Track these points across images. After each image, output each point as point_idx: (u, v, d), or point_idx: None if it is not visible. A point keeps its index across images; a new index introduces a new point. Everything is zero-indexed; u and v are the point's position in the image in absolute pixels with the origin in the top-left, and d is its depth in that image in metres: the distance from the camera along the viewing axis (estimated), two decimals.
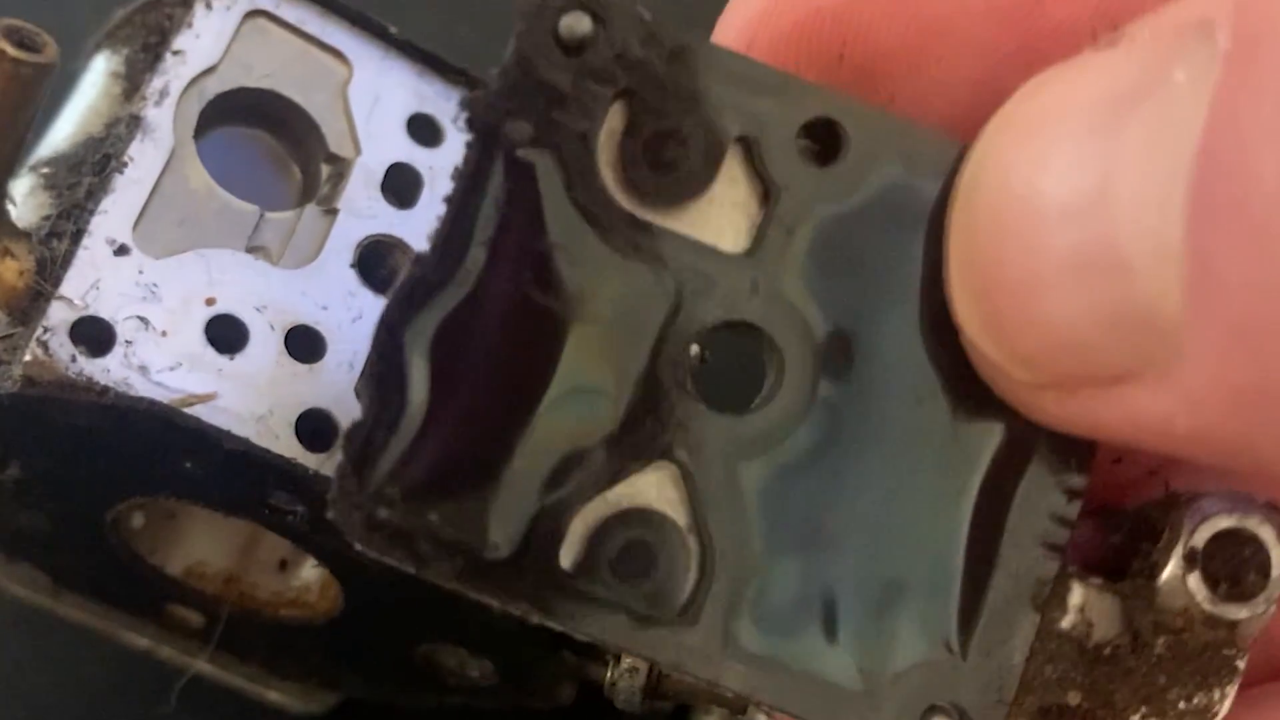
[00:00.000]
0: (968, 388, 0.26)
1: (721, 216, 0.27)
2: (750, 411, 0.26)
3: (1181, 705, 0.26)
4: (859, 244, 0.26)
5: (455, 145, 0.39)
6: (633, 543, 0.26)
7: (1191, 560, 0.26)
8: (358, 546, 0.25)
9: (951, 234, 0.25)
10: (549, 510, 0.26)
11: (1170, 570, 0.26)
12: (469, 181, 0.26)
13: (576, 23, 0.26)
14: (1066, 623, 0.26)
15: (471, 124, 0.26)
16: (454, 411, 0.26)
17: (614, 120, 0.26)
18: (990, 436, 0.26)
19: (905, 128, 0.27)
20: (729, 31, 0.30)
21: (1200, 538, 0.26)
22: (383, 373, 0.25)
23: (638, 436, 0.26)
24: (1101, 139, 0.22)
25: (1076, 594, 0.27)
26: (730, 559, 0.26)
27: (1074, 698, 0.27)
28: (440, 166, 0.39)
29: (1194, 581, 0.26)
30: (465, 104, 0.26)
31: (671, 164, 0.26)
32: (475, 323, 0.26)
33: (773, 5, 0.30)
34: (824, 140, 0.27)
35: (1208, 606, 0.26)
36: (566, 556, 0.26)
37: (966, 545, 0.26)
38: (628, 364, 0.26)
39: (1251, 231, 0.20)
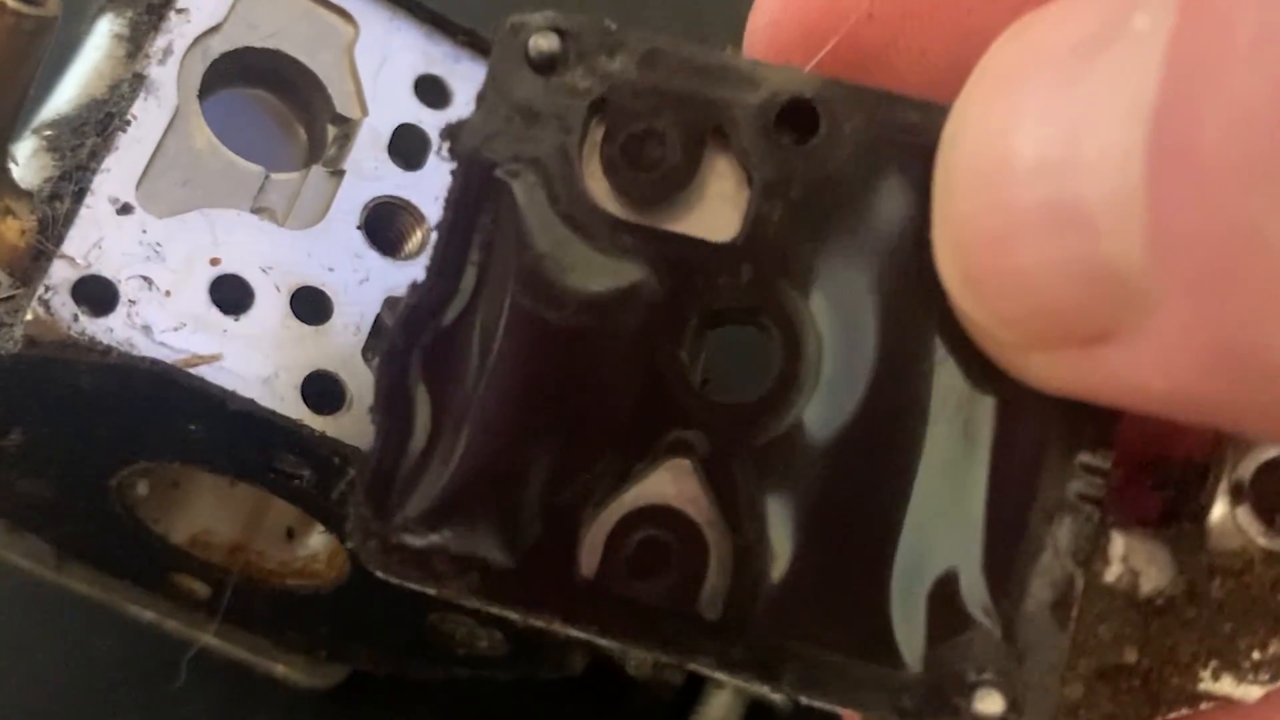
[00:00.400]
0: (976, 349, 0.26)
1: (711, 210, 0.27)
2: (759, 398, 0.26)
3: (1256, 655, 0.25)
4: (850, 215, 0.26)
5: (463, 107, 0.38)
6: (649, 540, 0.26)
7: (1239, 493, 0.25)
8: (379, 574, 0.26)
9: (934, 192, 0.25)
10: (562, 516, 0.26)
11: (1219, 507, 0.25)
12: (456, 207, 0.27)
13: (545, 42, 0.27)
14: (1112, 575, 0.25)
15: (453, 151, 0.27)
16: (460, 428, 0.26)
17: (594, 131, 0.27)
18: (1006, 395, 0.26)
19: (880, 97, 0.26)
20: (763, 4, 0.30)
21: (1246, 469, 0.25)
22: (389, 400, 0.26)
23: (644, 435, 0.26)
24: (1067, 89, 0.22)
25: (1118, 544, 0.26)
26: (750, 548, 0.26)
27: (1131, 655, 0.26)
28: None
29: (1244, 516, 0.25)
30: (445, 134, 0.27)
31: (653, 163, 0.27)
32: (475, 341, 0.26)
33: None
34: (800, 120, 0.27)
35: (1263, 541, 0.25)
36: (585, 561, 0.26)
37: (996, 508, 0.25)
38: (630, 364, 0.26)
39: (1203, 183, 0.20)
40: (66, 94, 0.37)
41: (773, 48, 0.30)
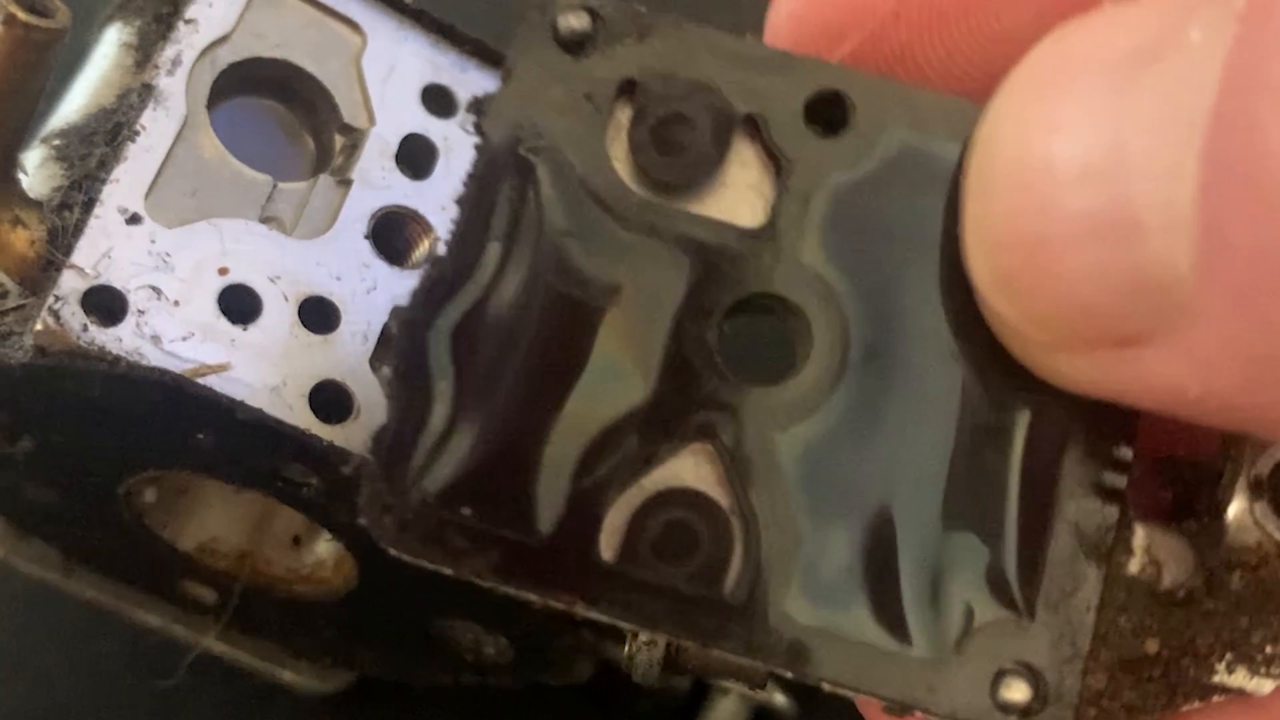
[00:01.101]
0: (999, 343, 0.26)
1: (736, 196, 0.27)
2: (782, 383, 0.26)
3: (1269, 649, 0.26)
4: (876, 208, 0.26)
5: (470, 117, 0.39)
6: (674, 524, 0.26)
7: (1258, 490, 0.25)
8: (391, 551, 0.25)
9: (967, 191, 0.25)
10: (585, 497, 0.26)
11: (1237, 503, 0.25)
12: (480, 181, 0.26)
13: (575, 21, 0.27)
14: (1134, 566, 0.26)
15: (479, 126, 0.26)
16: (481, 405, 0.26)
17: (621, 112, 0.27)
18: (1031, 388, 0.26)
19: (911, 93, 0.27)
20: None
21: (1264, 466, 0.25)
22: (407, 373, 0.26)
23: (670, 417, 0.26)
24: (1116, 98, 0.22)
25: (1141, 536, 0.26)
26: (775, 533, 0.26)
27: (1152, 646, 0.26)
28: (455, 137, 0.38)
29: (1261, 511, 0.25)
30: (472, 108, 0.27)
31: (681, 148, 0.26)
32: (497, 316, 0.26)
33: None
34: (830, 112, 0.27)
35: None
36: (607, 544, 0.25)
37: (1019, 499, 0.25)
38: (654, 345, 0.26)
39: (1261, 198, 0.20)
40: (75, 103, 0.38)
41: (795, 44, 0.30)
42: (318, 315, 0.35)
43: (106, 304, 0.33)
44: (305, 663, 0.49)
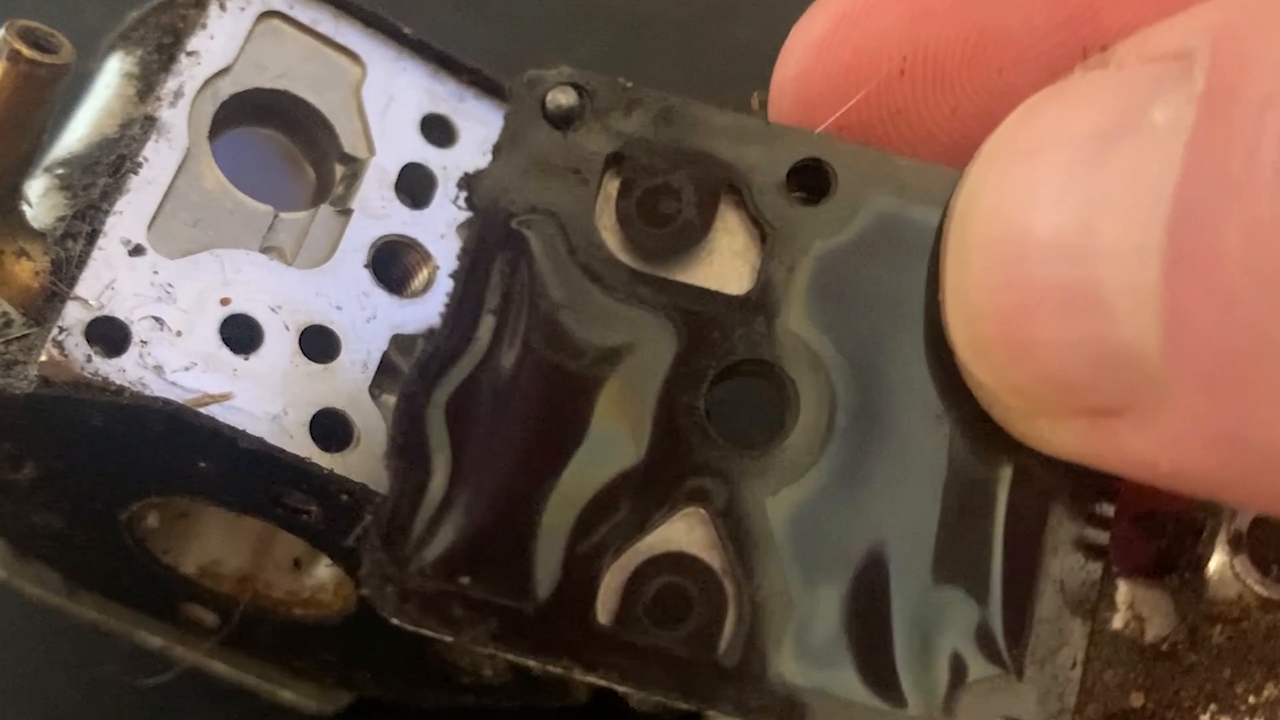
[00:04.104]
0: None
1: (723, 265, 0.27)
2: (771, 448, 0.27)
3: (1251, 699, 0.26)
4: (860, 273, 0.27)
5: (468, 145, 0.39)
6: (668, 588, 0.26)
7: (1237, 545, 0.26)
8: (393, 620, 0.26)
9: (945, 260, 0.26)
10: (580, 564, 0.26)
11: (1217, 557, 0.26)
12: (473, 256, 0.27)
13: (563, 97, 0.27)
14: (1118, 621, 0.26)
15: (470, 201, 0.27)
16: (477, 475, 0.26)
17: (609, 184, 0.27)
18: (1014, 448, 0.26)
19: (891, 161, 0.27)
20: (791, 57, 0.31)
21: (1243, 521, 0.26)
22: (405, 446, 0.26)
23: (662, 483, 0.27)
24: (1085, 177, 0.23)
25: (1124, 592, 0.26)
26: (767, 596, 0.26)
27: (1137, 699, 0.26)
28: (454, 166, 0.39)
29: (1242, 565, 0.26)
30: (462, 184, 0.28)
31: (667, 218, 0.27)
32: (492, 388, 0.27)
33: (834, 28, 0.30)
34: (813, 180, 0.27)
35: (1260, 589, 0.26)
36: (602, 609, 0.26)
37: (1004, 556, 0.26)
38: (645, 412, 0.27)
39: (1220, 291, 0.20)
40: (78, 132, 0.38)
41: (801, 101, 0.30)
42: (318, 344, 0.35)
43: (110, 335, 0.33)
44: (305, 683, 0.49)
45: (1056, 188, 0.23)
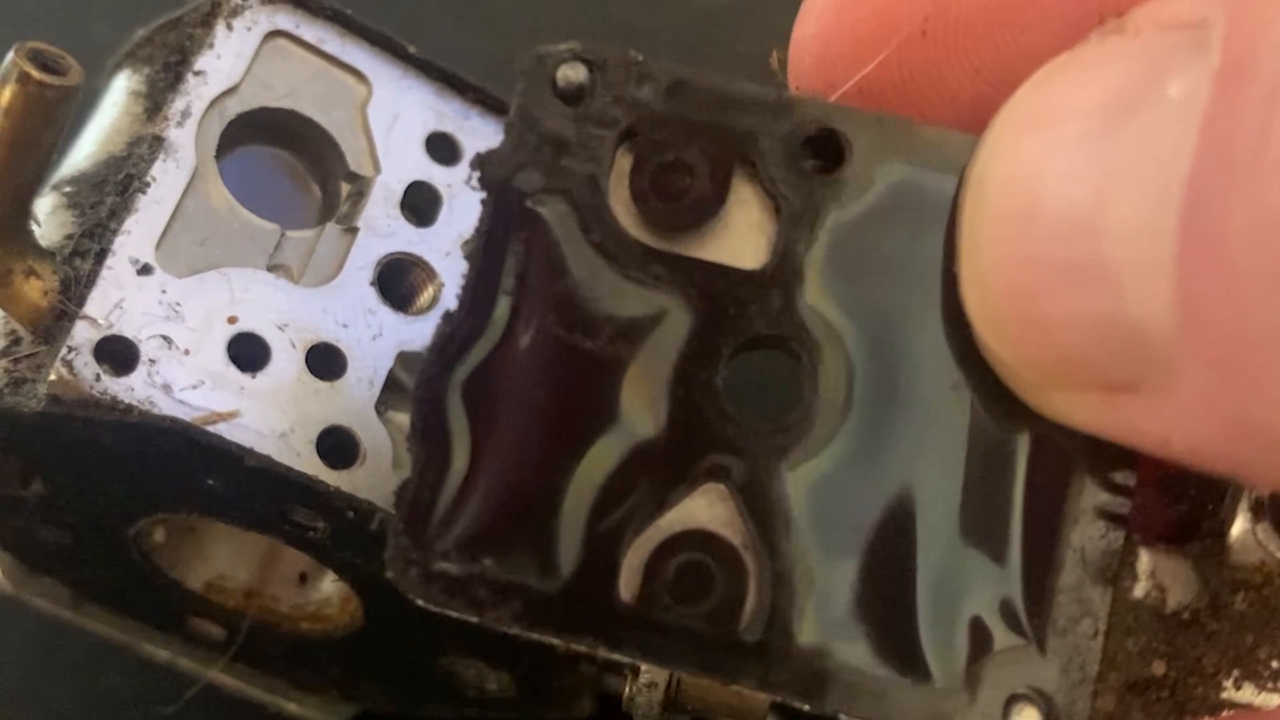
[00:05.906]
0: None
1: (738, 238, 0.27)
2: (789, 421, 0.27)
3: (1275, 665, 0.26)
4: (876, 243, 0.27)
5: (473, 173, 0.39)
6: (689, 564, 0.26)
7: (1259, 511, 0.26)
8: (419, 602, 0.26)
9: (960, 231, 0.25)
10: (602, 542, 0.26)
11: (1239, 524, 0.26)
12: (486, 236, 0.27)
13: (573, 73, 0.27)
14: (1140, 590, 0.26)
15: (483, 181, 0.27)
16: (498, 456, 0.26)
17: (622, 160, 0.27)
18: (1032, 418, 0.26)
19: (906, 128, 0.27)
20: (811, 15, 0.30)
21: None
22: (425, 429, 0.26)
23: (681, 460, 0.26)
24: (1097, 150, 0.22)
25: (1145, 560, 0.26)
26: (788, 570, 0.26)
27: (1159, 668, 0.26)
28: (458, 184, 0.39)
29: (1264, 532, 0.26)
30: (475, 163, 0.27)
31: (681, 193, 0.27)
32: (509, 368, 0.26)
33: None
34: (828, 150, 0.27)
35: None
36: (625, 587, 0.26)
37: (1024, 527, 0.26)
38: (662, 390, 0.27)
39: (1230, 274, 0.20)
40: (85, 150, 0.38)
41: (821, 60, 0.30)
42: (325, 362, 0.36)
43: (119, 354, 0.34)
44: (310, 695, 0.49)
45: (1068, 161, 0.23)
